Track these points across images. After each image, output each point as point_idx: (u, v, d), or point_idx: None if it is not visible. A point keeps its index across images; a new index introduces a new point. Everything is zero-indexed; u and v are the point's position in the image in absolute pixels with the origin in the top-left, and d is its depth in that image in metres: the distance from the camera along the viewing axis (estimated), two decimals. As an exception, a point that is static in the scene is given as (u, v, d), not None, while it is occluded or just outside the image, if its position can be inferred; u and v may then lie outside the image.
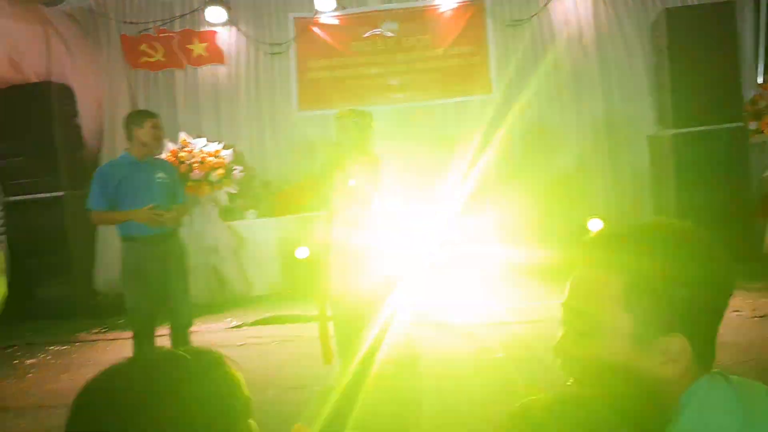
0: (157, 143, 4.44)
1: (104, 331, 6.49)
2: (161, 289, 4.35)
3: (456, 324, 5.35)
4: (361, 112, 4.49)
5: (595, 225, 7.08)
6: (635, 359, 0.95)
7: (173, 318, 4.47)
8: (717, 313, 0.99)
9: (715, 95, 6.67)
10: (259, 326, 6.18)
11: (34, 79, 7.22)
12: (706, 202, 6.49)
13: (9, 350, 6.13)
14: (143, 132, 4.32)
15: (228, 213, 7.66)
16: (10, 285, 7.78)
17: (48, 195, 7.14)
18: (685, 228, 1.03)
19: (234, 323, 6.36)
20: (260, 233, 7.45)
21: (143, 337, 4.31)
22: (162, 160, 4.69)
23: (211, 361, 0.90)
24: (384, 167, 4.55)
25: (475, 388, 4.03)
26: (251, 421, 0.94)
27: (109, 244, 7.63)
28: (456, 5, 7.96)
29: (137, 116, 4.45)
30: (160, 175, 4.43)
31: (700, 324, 0.97)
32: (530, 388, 3.88)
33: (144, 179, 4.35)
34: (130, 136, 4.39)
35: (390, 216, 4.62)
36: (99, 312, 7.10)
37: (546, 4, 7.83)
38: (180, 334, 4.47)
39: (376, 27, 8.03)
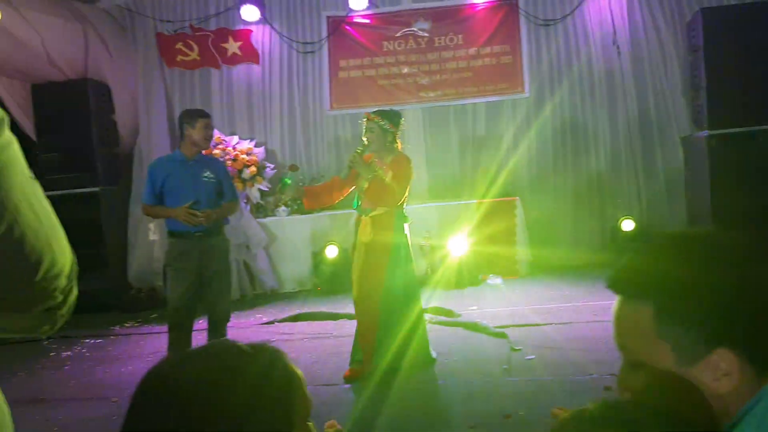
0: (207, 142, 4.52)
1: (138, 325, 6.61)
2: (200, 284, 4.41)
3: (487, 325, 5.33)
4: (387, 114, 4.52)
5: (628, 226, 7.01)
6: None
7: (212, 313, 4.53)
8: (762, 315, 0.94)
9: (752, 96, 6.57)
10: (290, 323, 6.23)
11: (71, 76, 7.35)
12: (741, 204, 6.40)
13: (46, 342, 6.26)
14: (195, 131, 4.41)
15: (260, 210, 7.75)
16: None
17: (84, 190, 7.28)
18: (705, 235, 1.00)
19: (265, 320, 6.42)
20: (291, 230, 7.52)
21: (180, 331, 4.38)
22: (212, 158, 4.76)
23: (273, 358, 0.91)
24: (412, 168, 4.54)
25: (505, 389, 4.03)
26: (311, 423, 0.93)
27: (142, 240, 7.76)
28: (489, 4, 7.93)
29: (190, 115, 4.52)
30: (207, 173, 4.49)
31: (743, 332, 0.93)
32: (561, 389, 3.88)
33: (190, 177, 4.43)
34: (182, 135, 4.49)
35: (416, 215, 4.66)
36: (133, 306, 7.22)
37: (579, 4, 7.77)
38: (218, 329, 4.52)
39: (409, 26, 8.03)
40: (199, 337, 4.68)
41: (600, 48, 7.74)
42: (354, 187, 4.59)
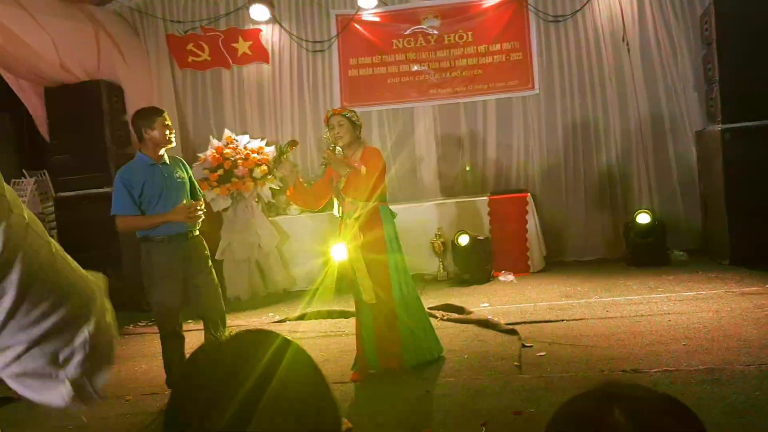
0: (169, 140, 4.35)
1: (151, 324, 6.64)
2: (185, 287, 4.34)
3: (498, 322, 5.33)
4: (350, 109, 4.53)
5: (643, 219, 6.97)
6: None
7: (206, 314, 4.44)
8: None
9: (766, 89, 6.49)
10: (302, 321, 6.25)
11: (84, 78, 7.41)
12: (755, 198, 6.35)
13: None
14: (155, 131, 4.28)
15: (271, 208, 7.78)
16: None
17: (98, 191, 7.32)
18: None
19: (277, 318, 6.45)
20: (303, 229, 7.54)
21: (175, 338, 4.34)
22: (175, 158, 4.59)
23: (303, 354, 0.89)
24: (383, 158, 4.47)
25: (516, 386, 4.02)
26: (345, 420, 0.92)
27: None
28: (498, 1, 7.91)
29: (145, 116, 4.34)
30: (178, 174, 4.42)
31: None
32: (572, 386, 3.86)
33: (166, 180, 4.32)
34: (140, 137, 4.35)
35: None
36: (147, 305, 7.26)
37: (589, 0, 7.73)
38: (215, 330, 4.45)
39: (418, 24, 8.03)
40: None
41: (610, 43, 7.70)
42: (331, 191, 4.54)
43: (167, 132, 4.30)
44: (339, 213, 4.55)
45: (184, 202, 4.31)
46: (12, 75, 7.17)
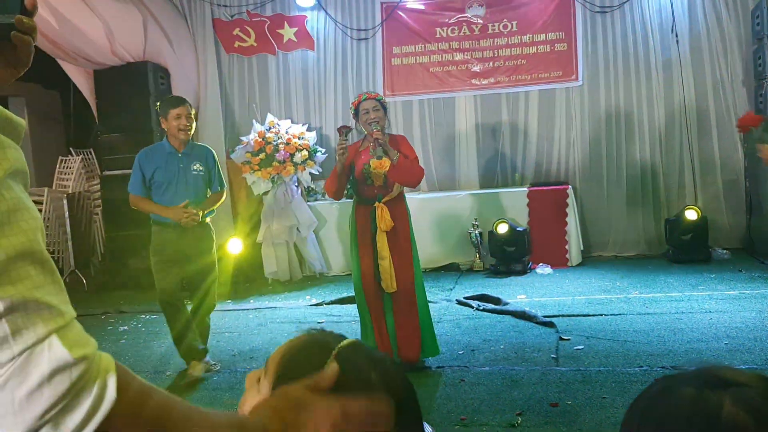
0: (184, 133, 4.36)
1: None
2: (185, 273, 4.50)
3: (535, 313, 5.31)
4: (381, 96, 4.39)
5: (691, 216, 6.86)
6: None
7: (198, 304, 4.58)
8: None
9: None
10: (338, 305, 6.30)
11: (131, 60, 7.54)
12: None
13: (103, 317, 6.49)
14: (168, 123, 4.34)
15: (310, 193, 7.85)
16: (104, 256, 8.23)
17: (142, 171, 7.46)
18: None
19: (313, 301, 6.51)
20: (341, 214, 7.59)
21: (172, 308, 4.45)
22: (201, 147, 4.62)
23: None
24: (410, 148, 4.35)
25: (553, 378, 4.02)
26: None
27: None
28: (544, -9, 7.83)
29: (163, 105, 4.40)
30: (196, 166, 4.44)
31: None
32: (609, 380, 3.85)
33: (179, 171, 4.38)
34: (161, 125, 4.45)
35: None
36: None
37: (638, -10, 7.62)
38: (202, 318, 4.60)
39: (463, 12, 7.99)
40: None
41: (658, 36, 7.57)
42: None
43: (178, 124, 4.32)
44: (356, 198, 4.42)
45: (187, 202, 4.32)
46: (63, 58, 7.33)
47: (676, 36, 7.46)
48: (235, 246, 7.25)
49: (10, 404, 0.62)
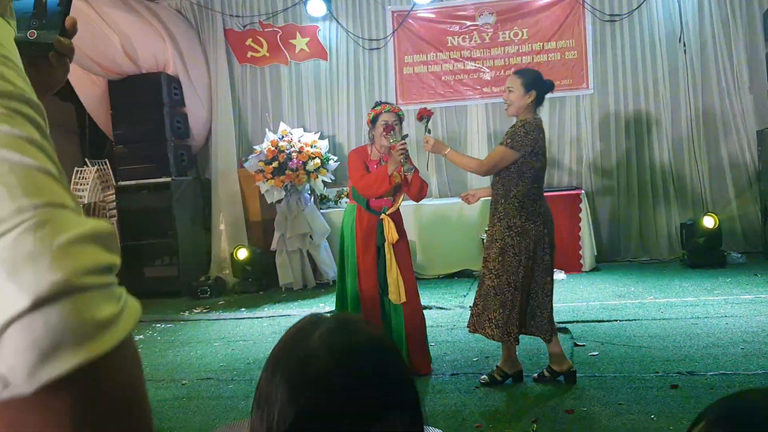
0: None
1: (206, 311, 6.82)
2: None
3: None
4: (401, 112, 4.41)
5: (709, 222, 6.83)
6: None
7: None
8: None
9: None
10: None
11: (145, 71, 7.62)
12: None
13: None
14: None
15: (323, 201, 7.89)
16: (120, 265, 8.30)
17: (156, 180, 7.53)
18: None
19: (327, 309, 6.53)
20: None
21: None
22: None
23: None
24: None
25: (568, 384, 4.01)
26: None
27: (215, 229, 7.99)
28: (555, -1, 7.85)
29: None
30: None
31: None
32: (625, 386, 3.84)
33: None
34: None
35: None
36: (202, 293, 7.45)
37: (646, -1, 7.63)
38: None
39: (473, 21, 8.02)
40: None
41: (665, 43, 7.60)
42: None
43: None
44: (366, 205, 4.38)
45: None
46: (77, 67, 7.41)
47: (684, 44, 7.48)
48: (243, 254, 7.37)
49: None
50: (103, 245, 0.60)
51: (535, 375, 4.10)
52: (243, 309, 6.73)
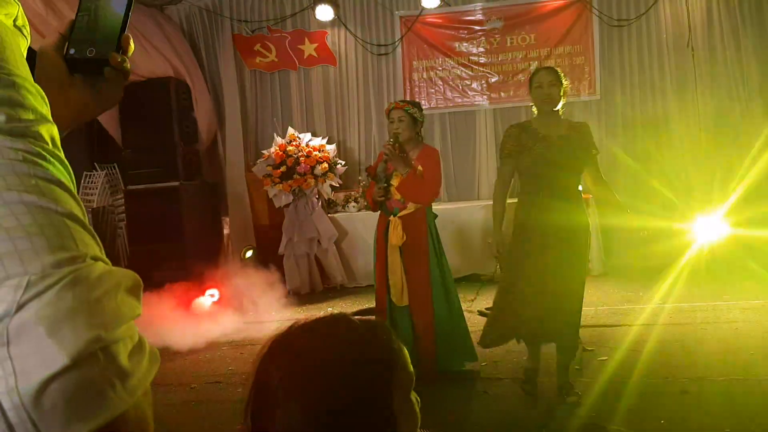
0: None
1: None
2: None
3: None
4: (416, 103, 4.38)
5: (716, 225, 6.80)
6: None
7: None
8: None
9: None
10: (359, 316, 6.30)
11: (154, 75, 7.64)
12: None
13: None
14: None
15: (331, 205, 7.90)
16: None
17: (165, 185, 7.54)
18: None
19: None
20: (362, 225, 7.62)
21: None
22: None
23: (377, 332, 0.99)
24: (440, 167, 4.37)
25: (577, 390, 3.99)
26: (414, 395, 1.03)
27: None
28: (562, 4, 7.85)
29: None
30: None
31: None
32: (634, 391, 3.82)
33: None
34: None
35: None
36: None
37: (654, 3, 7.61)
38: None
39: (481, 26, 8.03)
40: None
41: (673, 48, 7.58)
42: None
43: None
44: (382, 207, 4.39)
45: None
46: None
47: (692, 49, 7.46)
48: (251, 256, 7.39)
49: None
50: (129, 294, 0.66)
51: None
52: (251, 313, 6.74)
